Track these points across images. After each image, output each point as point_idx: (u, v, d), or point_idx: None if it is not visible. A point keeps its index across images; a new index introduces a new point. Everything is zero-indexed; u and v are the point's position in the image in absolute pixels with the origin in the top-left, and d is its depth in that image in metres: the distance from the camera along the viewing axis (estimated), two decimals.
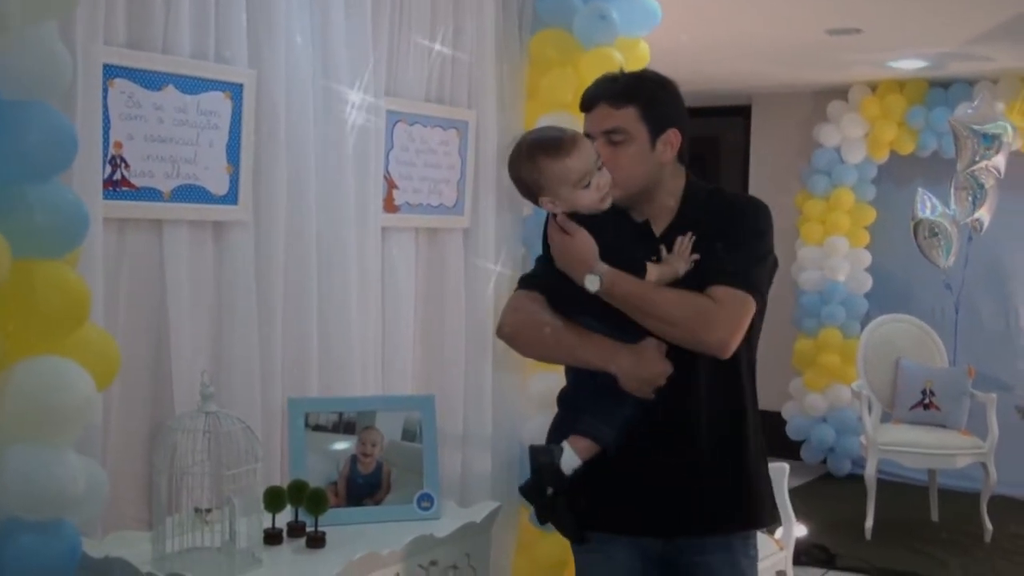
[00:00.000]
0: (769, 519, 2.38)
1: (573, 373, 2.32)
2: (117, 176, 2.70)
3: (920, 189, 6.32)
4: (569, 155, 2.15)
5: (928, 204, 6.19)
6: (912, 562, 5.17)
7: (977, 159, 5.86)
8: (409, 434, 2.99)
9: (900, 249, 6.68)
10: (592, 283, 2.13)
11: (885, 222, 6.91)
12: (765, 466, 2.36)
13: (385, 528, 2.79)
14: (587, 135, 2.25)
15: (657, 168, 2.24)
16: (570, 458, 2.21)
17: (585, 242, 2.15)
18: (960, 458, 5.56)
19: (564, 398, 2.34)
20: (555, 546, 3.85)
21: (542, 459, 2.22)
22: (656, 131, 2.22)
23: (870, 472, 5.58)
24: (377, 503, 2.92)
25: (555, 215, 2.21)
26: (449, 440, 3.59)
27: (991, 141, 5.81)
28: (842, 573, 5.06)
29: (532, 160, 2.18)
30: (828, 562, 5.14)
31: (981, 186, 6.02)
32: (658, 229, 2.26)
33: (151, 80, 2.74)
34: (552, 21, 3.75)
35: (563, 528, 2.32)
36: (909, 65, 6.19)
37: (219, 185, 2.91)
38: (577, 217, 2.19)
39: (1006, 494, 6.08)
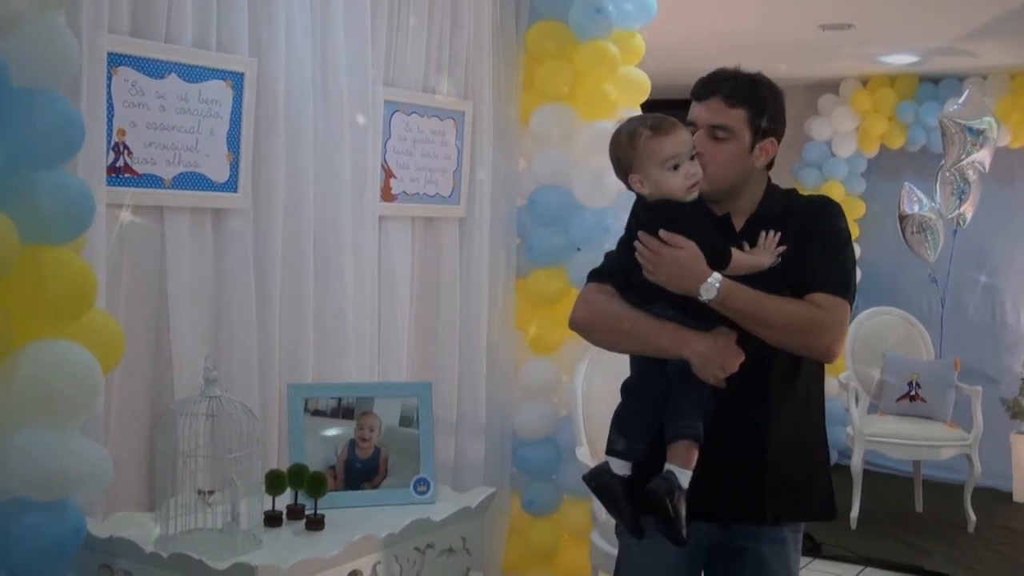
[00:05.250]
0: (828, 512, 2.39)
1: (640, 363, 2.32)
2: (120, 163, 2.73)
3: (906, 184, 6.36)
4: (666, 135, 2.19)
5: (915, 199, 6.24)
6: (896, 552, 5.22)
7: (964, 155, 5.91)
8: (406, 420, 3.03)
9: (889, 242, 6.73)
10: (708, 291, 2.14)
11: (874, 215, 6.96)
12: (827, 456, 2.40)
13: (382, 511, 2.84)
14: (690, 123, 2.28)
15: (749, 171, 2.29)
16: (683, 475, 2.19)
17: (695, 253, 2.17)
18: (945, 450, 5.60)
19: (630, 388, 2.33)
20: (545, 532, 3.91)
21: (661, 489, 2.17)
22: (758, 137, 2.27)
23: (856, 463, 5.63)
24: (375, 487, 2.96)
25: (658, 230, 2.19)
26: (443, 427, 3.63)
27: (976, 136, 5.86)
28: (827, 562, 5.09)
29: (631, 136, 2.22)
30: (814, 551, 5.17)
31: (966, 181, 6.07)
32: (738, 224, 2.31)
33: (154, 68, 2.77)
34: (548, 14, 3.80)
35: (622, 518, 2.29)
36: (900, 60, 6.24)
37: (219, 173, 2.95)
38: (664, 206, 2.21)
39: (990, 486, 6.14)
